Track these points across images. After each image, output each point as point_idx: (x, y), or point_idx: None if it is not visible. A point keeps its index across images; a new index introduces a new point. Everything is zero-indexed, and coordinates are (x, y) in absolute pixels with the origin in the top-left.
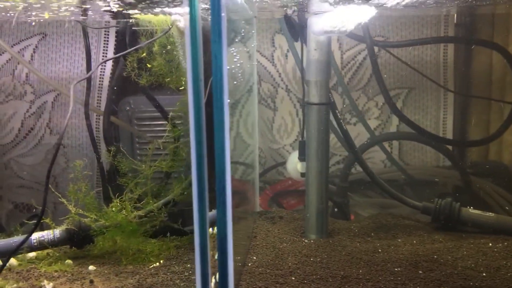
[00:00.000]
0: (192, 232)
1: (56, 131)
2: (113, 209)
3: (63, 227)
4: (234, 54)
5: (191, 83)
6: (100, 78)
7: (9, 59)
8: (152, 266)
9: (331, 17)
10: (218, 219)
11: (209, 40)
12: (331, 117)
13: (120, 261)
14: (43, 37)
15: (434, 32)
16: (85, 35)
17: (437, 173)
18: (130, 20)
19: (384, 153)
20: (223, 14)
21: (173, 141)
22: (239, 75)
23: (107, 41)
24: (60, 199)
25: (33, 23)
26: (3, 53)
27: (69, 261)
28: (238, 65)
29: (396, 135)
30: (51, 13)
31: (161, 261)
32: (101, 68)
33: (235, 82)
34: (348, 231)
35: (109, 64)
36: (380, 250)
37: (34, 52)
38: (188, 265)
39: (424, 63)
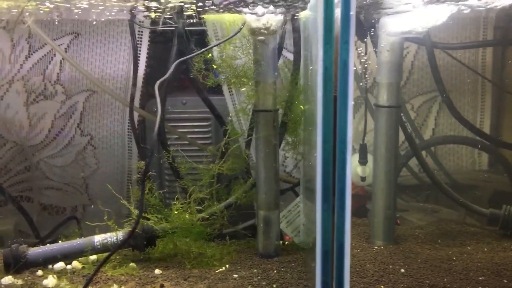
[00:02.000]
0: (249, 235)
1: (87, 132)
2: (177, 211)
3: (126, 229)
4: None
5: (321, 83)
6: (133, 79)
7: (40, 59)
8: (218, 270)
9: (409, 19)
10: (338, 224)
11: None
12: None
13: (183, 265)
14: (75, 36)
15: (473, 34)
16: (133, 35)
17: (479, 177)
18: (191, 20)
19: (431, 157)
20: (352, 13)
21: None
22: None
23: (141, 41)
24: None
25: (94, 22)
26: (34, 52)
27: (133, 265)
28: None
29: (453, 139)
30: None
31: (227, 266)
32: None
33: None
34: (414, 237)
35: (142, 65)
36: (454, 258)
37: (66, 51)
38: (255, 270)
39: (461, 66)
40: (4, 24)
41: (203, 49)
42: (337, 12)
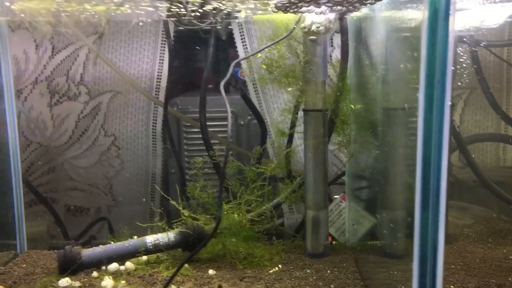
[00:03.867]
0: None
1: (111, 132)
2: (227, 211)
3: (177, 230)
4: None
5: (423, 83)
6: (157, 78)
7: (64, 60)
8: (272, 271)
9: (466, 16)
10: (432, 222)
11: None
12: None
13: (235, 265)
14: (98, 37)
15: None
16: (168, 35)
17: (505, 173)
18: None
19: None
20: (451, 12)
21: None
22: None
23: (165, 41)
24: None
25: (140, 23)
26: (57, 53)
27: (185, 265)
28: None
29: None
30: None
31: (279, 266)
32: (159, 68)
33: None
34: (465, 236)
35: (166, 65)
36: (511, 257)
37: (89, 52)
38: (308, 271)
39: (487, 63)
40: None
41: (260, 49)
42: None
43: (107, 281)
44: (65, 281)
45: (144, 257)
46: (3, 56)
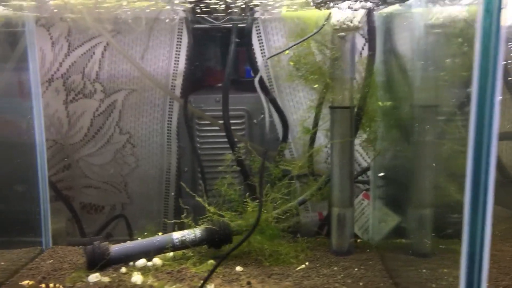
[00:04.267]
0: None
1: (126, 130)
2: (253, 209)
3: (203, 226)
4: None
5: (477, 78)
6: (173, 76)
7: (79, 57)
8: (299, 268)
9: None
10: (480, 220)
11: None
12: None
13: (260, 262)
14: (114, 34)
15: None
16: (189, 32)
17: None
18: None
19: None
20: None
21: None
22: None
23: (180, 39)
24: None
25: (167, 20)
26: (73, 50)
27: (212, 261)
28: None
29: None
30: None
31: (306, 263)
32: (174, 66)
33: None
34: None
35: (182, 63)
36: None
37: (105, 49)
38: (335, 268)
39: None
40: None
41: (292, 45)
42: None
43: (137, 277)
44: (94, 276)
45: (170, 253)
46: (31, 54)
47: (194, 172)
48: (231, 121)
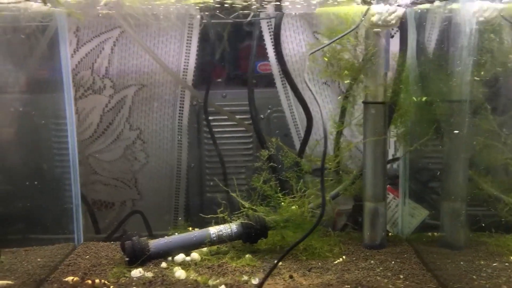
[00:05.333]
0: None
1: (136, 126)
2: (287, 203)
3: (238, 221)
4: None
5: None
6: (184, 72)
7: (88, 53)
8: (336, 261)
9: None
10: None
11: None
12: None
13: (296, 257)
14: (124, 30)
15: None
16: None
17: None
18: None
19: None
20: None
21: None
22: None
23: (191, 35)
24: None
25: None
26: (82, 46)
27: (249, 256)
28: None
29: None
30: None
31: (343, 257)
32: (185, 63)
33: None
34: None
35: (193, 59)
36: None
37: (114, 45)
38: (372, 261)
39: None
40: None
41: (332, 40)
42: None
43: (180, 272)
44: (137, 271)
45: (205, 248)
46: (63, 50)
47: (201, 168)
48: (238, 117)
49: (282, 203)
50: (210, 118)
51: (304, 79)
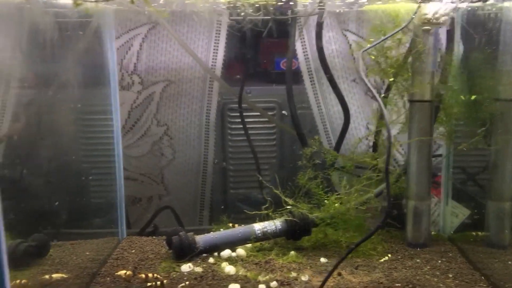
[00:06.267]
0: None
1: (163, 122)
2: (332, 200)
3: (282, 218)
4: None
5: None
6: (212, 68)
7: (118, 49)
8: (382, 260)
9: None
10: None
11: None
12: None
13: (340, 254)
14: (153, 26)
15: None
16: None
17: None
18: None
19: None
20: None
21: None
22: None
23: (219, 32)
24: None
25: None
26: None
27: (293, 253)
28: None
29: None
30: None
31: (389, 255)
32: (213, 59)
33: None
34: None
35: (221, 55)
36: None
37: (143, 41)
38: (418, 260)
39: None
40: None
41: (384, 37)
42: None
43: (230, 267)
44: (187, 266)
45: (249, 244)
46: (110, 45)
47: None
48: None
49: (326, 201)
50: (232, 114)
51: (362, 77)
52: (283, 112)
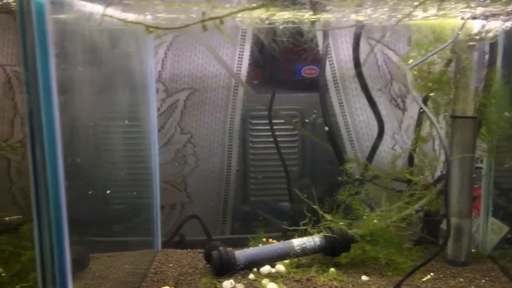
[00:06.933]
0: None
1: (187, 130)
2: (373, 216)
3: (321, 234)
4: None
5: None
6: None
7: None
8: (425, 278)
9: None
10: None
11: None
12: None
13: (379, 271)
14: (178, 34)
15: None
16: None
17: None
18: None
19: None
20: None
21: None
22: None
23: (244, 41)
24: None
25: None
26: None
27: (333, 270)
28: None
29: None
30: None
31: (431, 274)
32: (237, 67)
33: None
34: None
35: (246, 63)
36: None
37: (168, 49)
38: (461, 279)
39: None
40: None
41: (432, 53)
42: None
43: (272, 285)
44: (228, 283)
45: (286, 260)
46: (150, 54)
47: (245, 172)
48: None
49: (364, 217)
50: (254, 121)
51: (411, 92)
52: (305, 120)
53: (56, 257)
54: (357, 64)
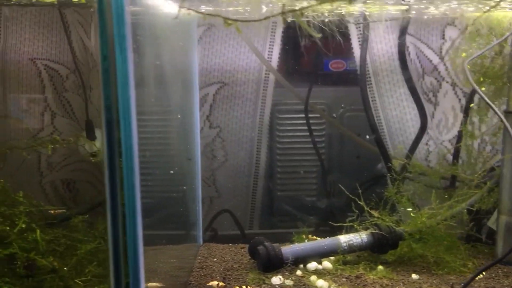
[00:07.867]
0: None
1: (216, 124)
2: (422, 214)
3: (368, 231)
4: None
5: None
6: (266, 71)
7: None
8: (477, 278)
9: None
10: None
11: None
12: None
13: (428, 270)
14: (208, 28)
15: None
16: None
17: None
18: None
19: None
20: None
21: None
22: None
23: (274, 35)
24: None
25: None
26: None
27: (381, 267)
28: None
29: None
30: None
31: (483, 273)
32: (268, 60)
33: None
34: None
35: (276, 58)
36: None
37: (198, 43)
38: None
39: None
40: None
41: (490, 45)
42: None
43: (321, 282)
44: (277, 279)
45: (332, 257)
46: (194, 48)
47: (272, 167)
48: (311, 115)
49: (412, 214)
50: (282, 116)
51: (474, 87)
52: (333, 115)
53: (129, 254)
54: (402, 58)
